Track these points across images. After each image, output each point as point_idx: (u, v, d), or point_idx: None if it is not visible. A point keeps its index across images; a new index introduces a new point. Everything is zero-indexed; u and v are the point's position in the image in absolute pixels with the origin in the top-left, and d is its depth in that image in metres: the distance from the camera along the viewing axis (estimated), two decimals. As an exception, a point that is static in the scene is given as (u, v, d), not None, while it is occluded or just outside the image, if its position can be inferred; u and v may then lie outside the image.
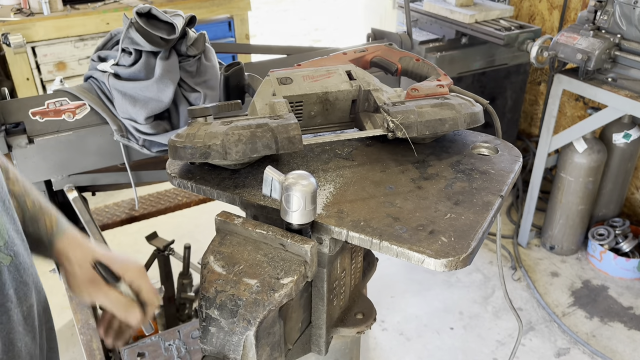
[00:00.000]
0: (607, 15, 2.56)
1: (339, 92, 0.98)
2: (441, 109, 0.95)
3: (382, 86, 1.02)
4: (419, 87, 1.01)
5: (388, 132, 0.94)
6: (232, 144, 0.84)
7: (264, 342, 0.78)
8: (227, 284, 0.76)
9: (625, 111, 2.54)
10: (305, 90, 0.97)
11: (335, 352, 1.03)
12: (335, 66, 1.03)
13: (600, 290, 2.89)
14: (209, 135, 0.85)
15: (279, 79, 0.98)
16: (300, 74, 1.00)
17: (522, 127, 3.78)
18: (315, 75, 0.99)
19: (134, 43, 1.51)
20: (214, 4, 3.35)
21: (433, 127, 0.94)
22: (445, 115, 0.94)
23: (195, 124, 0.88)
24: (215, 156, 0.85)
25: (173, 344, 1.78)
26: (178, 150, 0.86)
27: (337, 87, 0.98)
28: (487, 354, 2.50)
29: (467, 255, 0.75)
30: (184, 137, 0.87)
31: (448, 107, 0.95)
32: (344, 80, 1.00)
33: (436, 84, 1.02)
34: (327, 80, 0.99)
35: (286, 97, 0.95)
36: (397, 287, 2.88)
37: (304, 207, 0.76)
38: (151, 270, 2.31)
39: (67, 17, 3.07)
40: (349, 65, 1.04)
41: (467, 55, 3.12)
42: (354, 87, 0.99)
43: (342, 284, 0.95)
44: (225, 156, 0.85)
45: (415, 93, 0.99)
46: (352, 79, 1.01)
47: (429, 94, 1.00)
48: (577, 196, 2.91)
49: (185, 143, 0.86)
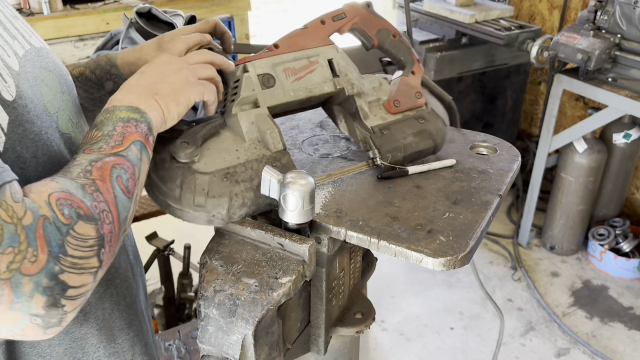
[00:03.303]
0: (607, 15, 2.55)
1: (323, 95, 0.95)
2: (422, 139, 0.97)
3: (361, 83, 0.99)
4: (401, 99, 1.00)
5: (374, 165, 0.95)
6: (237, 209, 0.81)
7: (263, 342, 0.78)
8: (226, 284, 0.76)
9: (625, 111, 2.54)
10: (289, 97, 0.91)
11: (334, 351, 1.03)
12: (316, 50, 0.95)
13: (600, 290, 2.89)
14: (212, 203, 0.79)
15: (260, 76, 0.89)
16: (281, 65, 0.91)
17: (522, 127, 3.78)
18: (297, 68, 0.92)
19: (134, 43, 1.51)
20: (214, 4, 3.35)
21: (412, 158, 0.97)
22: (424, 147, 0.97)
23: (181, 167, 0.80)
24: (218, 223, 0.81)
25: (173, 344, 1.78)
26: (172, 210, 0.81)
27: (321, 89, 0.94)
28: (487, 354, 2.50)
29: (465, 255, 0.75)
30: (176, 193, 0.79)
31: (427, 135, 0.98)
32: (327, 78, 0.95)
33: (415, 91, 1.02)
34: (310, 78, 0.93)
35: (270, 107, 0.89)
36: (397, 287, 2.88)
37: (302, 207, 0.76)
38: (151, 270, 2.31)
39: (67, 17, 3.07)
40: (329, 48, 0.96)
41: (467, 55, 3.12)
42: (338, 89, 0.95)
43: (341, 283, 0.95)
44: (228, 221, 0.81)
45: (396, 107, 0.99)
46: (334, 73, 0.95)
47: (409, 107, 1.01)
48: (577, 196, 2.91)
49: (184, 206, 0.79)
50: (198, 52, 0.84)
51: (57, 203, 0.58)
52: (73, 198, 0.60)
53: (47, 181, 0.61)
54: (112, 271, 0.86)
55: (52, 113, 0.74)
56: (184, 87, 0.77)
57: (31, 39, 0.78)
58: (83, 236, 0.59)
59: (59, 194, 0.59)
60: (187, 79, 0.78)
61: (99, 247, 0.61)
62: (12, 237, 0.54)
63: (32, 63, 0.74)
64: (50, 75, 0.78)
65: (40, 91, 0.73)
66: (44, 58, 0.78)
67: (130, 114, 0.70)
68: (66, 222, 0.58)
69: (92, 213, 0.60)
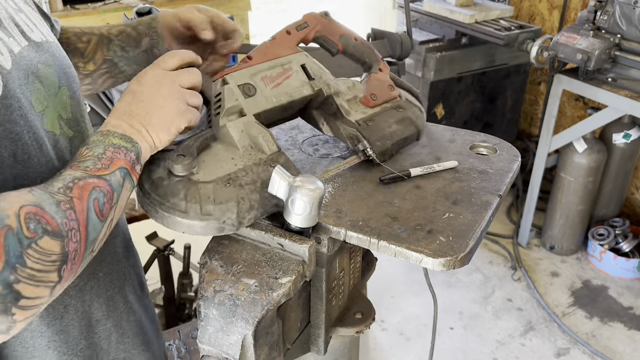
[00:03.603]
0: (607, 15, 2.56)
1: (303, 99, 0.97)
2: (405, 126, 1.01)
3: (336, 83, 1.01)
4: (376, 91, 1.04)
5: (366, 157, 0.96)
6: (246, 212, 0.79)
7: (263, 342, 0.78)
8: (226, 284, 0.76)
9: (625, 111, 2.54)
10: (272, 103, 0.92)
11: (334, 351, 1.03)
12: (288, 58, 0.98)
13: (600, 290, 2.89)
14: (219, 209, 0.77)
15: (240, 86, 0.91)
16: (258, 74, 0.94)
17: (522, 127, 3.78)
18: (274, 75, 0.95)
19: (134, 43, 1.52)
20: (214, 4, 3.35)
21: (399, 145, 1.00)
22: (408, 133, 1.01)
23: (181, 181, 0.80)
24: (229, 230, 0.79)
25: (173, 344, 1.78)
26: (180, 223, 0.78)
27: (300, 92, 0.96)
28: (487, 354, 2.50)
29: (465, 255, 0.75)
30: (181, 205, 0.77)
31: (409, 121, 1.02)
32: (304, 82, 0.97)
33: (387, 84, 1.06)
34: (288, 83, 0.96)
35: (256, 114, 0.90)
36: (397, 287, 2.88)
37: (310, 212, 0.76)
38: (151, 270, 2.31)
39: (67, 17, 3.07)
40: (300, 55, 1.00)
41: (467, 55, 3.12)
42: (316, 91, 0.97)
43: (341, 283, 0.95)
44: (239, 226, 0.79)
45: (374, 100, 1.03)
46: (309, 77, 0.98)
47: (385, 99, 1.04)
48: (577, 196, 2.91)
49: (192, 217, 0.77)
50: (189, 73, 0.83)
51: (25, 216, 0.59)
52: (43, 214, 0.61)
53: (25, 192, 0.63)
54: (95, 265, 0.87)
55: (38, 111, 0.75)
56: (176, 117, 0.78)
57: (32, 33, 0.79)
58: (46, 251, 0.60)
59: (30, 208, 0.60)
60: (179, 108, 0.79)
61: (61, 262, 0.62)
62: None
63: (27, 60, 0.74)
64: (48, 70, 0.78)
65: (30, 89, 0.74)
66: (43, 52, 0.79)
67: (122, 142, 0.73)
68: (30, 235, 0.59)
69: (61, 230, 0.62)
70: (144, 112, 0.76)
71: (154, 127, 0.77)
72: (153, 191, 0.79)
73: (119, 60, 1.03)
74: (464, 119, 3.25)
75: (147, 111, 0.77)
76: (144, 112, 0.76)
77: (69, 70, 0.85)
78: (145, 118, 0.76)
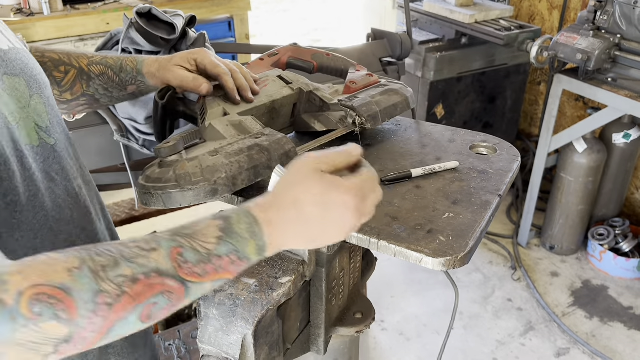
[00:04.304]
0: (607, 15, 2.56)
1: (284, 99, 0.98)
2: (389, 95, 1.04)
3: (317, 85, 1.03)
4: (355, 79, 1.07)
5: (357, 127, 0.98)
6: (237, 173, 0.80)
7: (263, 342, 0.78)
8: (226, 283, 0.76)
9: (625, 111, 2.54)
10: (254, 104, 0.94)
11: (334, 351, 1.03)
12: (264, 73, 1.03)
13: (600, 290, 2.89)
14: (209, 171, 0.79)
15: (220, 97, 0.94)
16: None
17: (522, 127, 3.78)
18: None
19: (134, 43, 1.52)
20: (214, 4, 3.35)
21: (390, 113, 1.02)
22: (395, 101, 1.04)
23: (170, 164, 0.81)
24: (223, 191, 0.80)
25: (173, 344, 1.78)
26: (174, 196, 0.78)
27: (280, 93, 0.98)
28: (487, 354, 2.50)
29: (465, 255, 0.76)
30: (172, 179, 0.78)
31: (394, 92, 1.05)
32: (283, 86, 1.00)
33: (365, 74, 1.10)
34: (267, 89, 0.98)
35: (240, 113, 0.92)
36: (397, 287, 2.88)
37: None
38: (151, 270, 2.31)
39: (67, 17, 3.07)
40: (274, 70, 1.05)
41: (467, 55, 3.12)
42: (296, 90, 0.99)
43: (341, 283, 0.95)
44: (233, 188, 0.80)
45: (354, 86, 1.06)
46: (287, 82, 1.01)
47: (365, 84, 1.07)
48: (577, 196, 2.91)
49: (183, 185, 0.78)
50: (377, 194, 0.67)
51: (32, 297, 0.49)
52: (65, 298, 0.51)
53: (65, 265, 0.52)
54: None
55: (13, 125, 0.71)
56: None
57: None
58: (48, 332, 0.51)
59: (47, 289, 0.50)
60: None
61: (63, 342, 0.52)
62: None
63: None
64: (15, 81, 0.74)
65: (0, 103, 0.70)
66: (10, 62, 0.75)
67: (254, 254, 0.60)
68: (29, 316, 0.50)
69: (78, 321, 0.51)
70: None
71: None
72: (149, 182, 0.81)
73: (101, 97, 1.00)
74: (464, 119, 3.25)
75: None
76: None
77: (39, 77, 0.81)
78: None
